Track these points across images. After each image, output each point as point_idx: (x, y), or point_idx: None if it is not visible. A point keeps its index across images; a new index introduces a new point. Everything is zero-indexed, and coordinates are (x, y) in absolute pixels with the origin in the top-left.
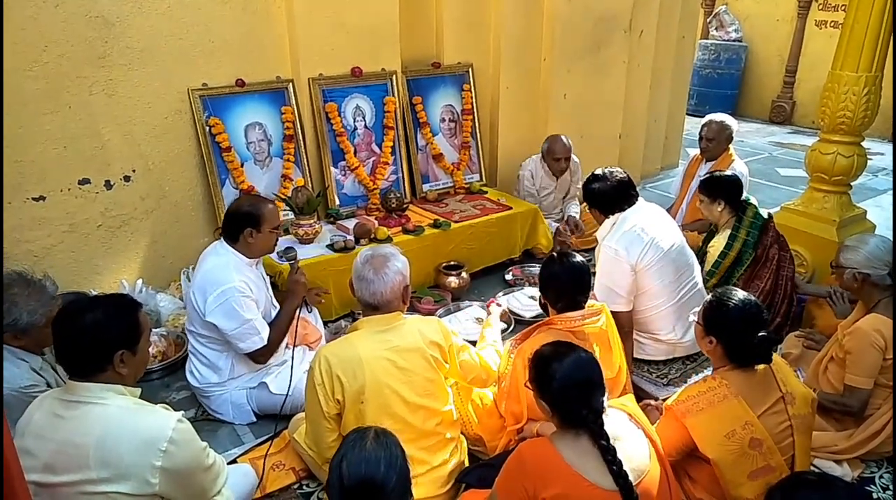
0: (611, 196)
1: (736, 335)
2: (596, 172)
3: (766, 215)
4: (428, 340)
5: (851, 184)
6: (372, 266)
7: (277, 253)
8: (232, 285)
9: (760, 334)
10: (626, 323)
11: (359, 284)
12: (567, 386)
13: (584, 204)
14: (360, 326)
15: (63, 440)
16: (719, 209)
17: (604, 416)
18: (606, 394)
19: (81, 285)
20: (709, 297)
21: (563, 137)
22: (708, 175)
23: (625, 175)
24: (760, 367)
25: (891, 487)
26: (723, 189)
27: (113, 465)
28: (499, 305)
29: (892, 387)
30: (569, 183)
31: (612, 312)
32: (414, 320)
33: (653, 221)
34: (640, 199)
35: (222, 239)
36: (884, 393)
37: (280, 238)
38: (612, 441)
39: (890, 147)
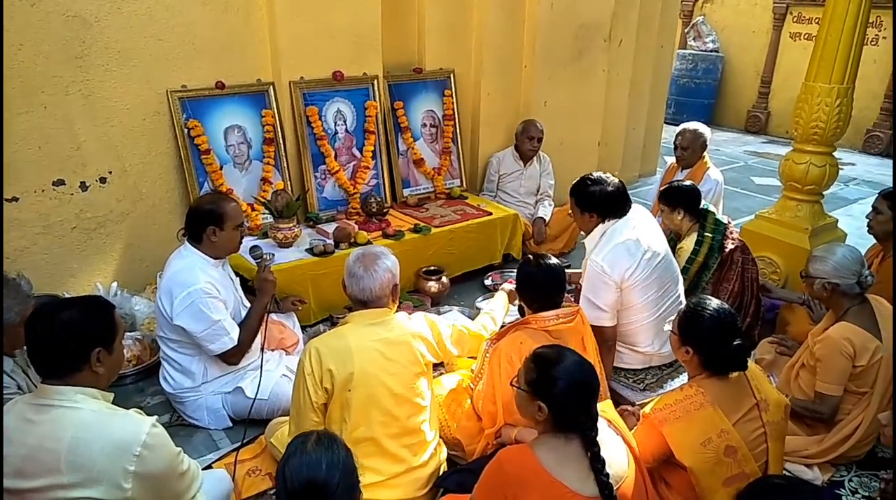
0: (615, 197)
1: (712, 345)
2: (591, 176)
3: (725, 221)
4: (415, 333)
5: (823, 193)
6: (362, 263)
7: (253, 257)
8: (198, 286)
9: (735, 342)
10: (610, 337)
11: (349, 280)
12: (570, 388)
13: (566, 208)
14: (350, 319)
15: (34, 445)
16: (679, 218)
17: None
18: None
19: (55, 287)
20: (682, 307)
21: (536, 121)
22: (666, 186)
23: (619, 181)
24: (735, 374)
25: (859, 490)
26: (681, 198)
27: (85, 469)
28: (510, 282)
29: (861, 394)
30: (538, 176)
31: (596, 326)
32: (401, 315)
33: (645, 233)
34: (633, 206)
35: (187, 242)
36: (853, 399)
37: (258, 241)
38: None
39: (860, 157)
